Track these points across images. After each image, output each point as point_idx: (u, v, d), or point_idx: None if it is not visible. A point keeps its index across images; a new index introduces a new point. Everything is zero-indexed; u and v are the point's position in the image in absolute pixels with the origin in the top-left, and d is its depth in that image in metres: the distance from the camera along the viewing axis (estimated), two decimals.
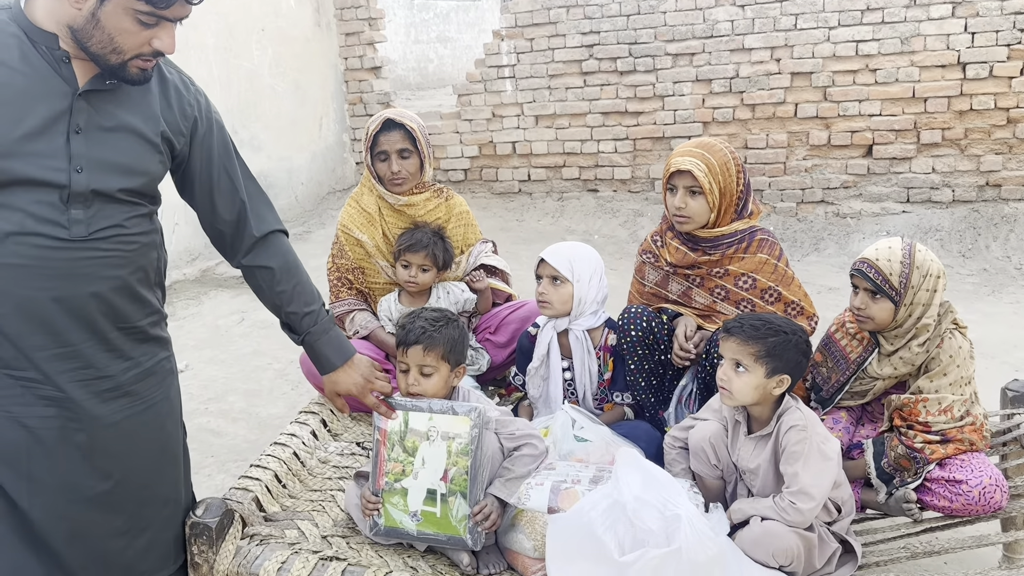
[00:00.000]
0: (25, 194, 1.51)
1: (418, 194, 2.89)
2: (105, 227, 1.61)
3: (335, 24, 7.11)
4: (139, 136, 1.64)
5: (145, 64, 1.55)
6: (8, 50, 1.50)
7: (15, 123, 1.49)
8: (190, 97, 1.77)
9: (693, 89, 6.10)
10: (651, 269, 2.62)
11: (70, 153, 1.53)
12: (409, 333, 2.02)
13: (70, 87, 1.54)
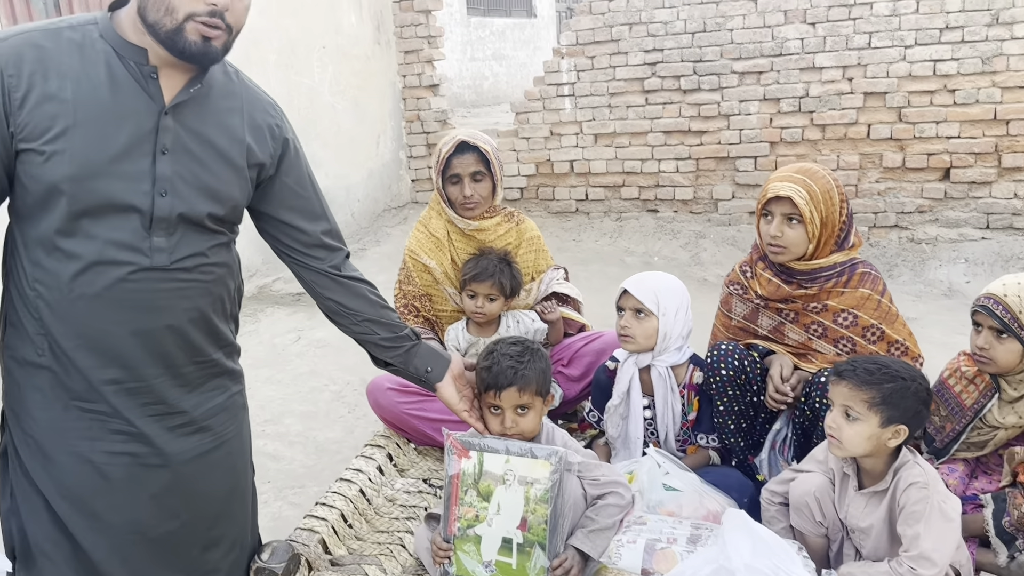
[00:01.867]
0: (107, 219, 1.44)
1: (489, 218, 2.77)
2: (187, 255, 1.53)
3: (394, 42, 7.08)
4: (226, 160, 1.57)
5: (204, 30, 1.41)
6: (95, 66, 1.44)
7: (102, 142, 1.42)
8: (276, 119, 1.69)
9: (760, 108, 5.91)
10: (739, 302, 2.46)
11: (155, 175, 1.46)
12: (499, 376, 1.88)
13: (156, 104, 1.47)
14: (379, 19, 6.86)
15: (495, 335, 2.67)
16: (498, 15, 10.41)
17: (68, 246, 1.44)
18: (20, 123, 1.38)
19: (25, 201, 1.45)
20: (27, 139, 1.39)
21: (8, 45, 1.39)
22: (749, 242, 5.98)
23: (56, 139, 1.39)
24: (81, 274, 1.45)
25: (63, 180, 1.40)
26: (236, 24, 1.45)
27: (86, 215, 1.43)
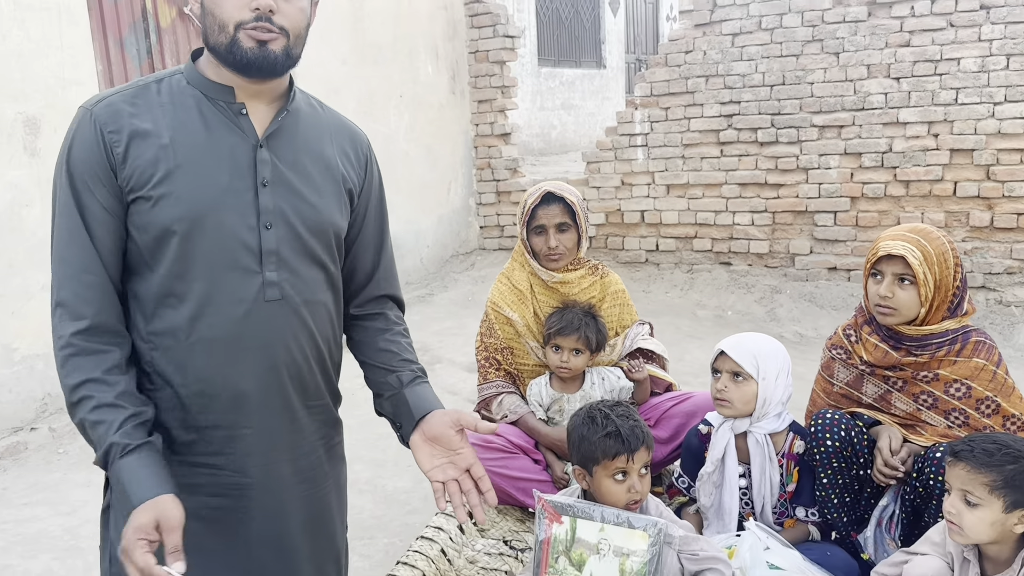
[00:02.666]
0: (219, 256, 1.43)
1: (573, 271, 2.71)
2: (298, 290, 1.51)
3: (469, 91, 7.16)
4: (323, 187, 1.55)
5: (257, 35, 1.38)
6: (188, 110, 1.46)
7: (206, 180, 1.43)
8: (364, 147, 1.67)
9: (841, 162, 5.77)
10: (842, 367, 2.34)
11: (259, 208, 1.45)
12: (631, 439, 1.83)
13: (250, 139, 1.47)
14: (455, 69, 6.96)
15: (579, 391, 2.59)
16: (568, 66, 10.49)
17: (182, 289, 1.44)
18: (126, 175, 1.41)
19: (136, 253, 1.46)
20: (135, 188, 1.41)
21: (103, 106, 1.43)
22: (828, 299, 5.81)
23: (162, 182, 1.40)
24: (198, 317, 1.44)
25: (174, 221, 1.40)
26: (292, 27, 1.42)
27: (199, 254, 1.42)
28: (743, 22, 5.94)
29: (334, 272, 1.62)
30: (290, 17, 1.41)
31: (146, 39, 4.69)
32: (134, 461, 1.35)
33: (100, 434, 1.35)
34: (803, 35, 5.74)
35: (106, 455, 1.35)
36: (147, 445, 1.37)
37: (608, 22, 11.20)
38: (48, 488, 3.65)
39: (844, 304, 5.70)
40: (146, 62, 4.70)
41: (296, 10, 1.42)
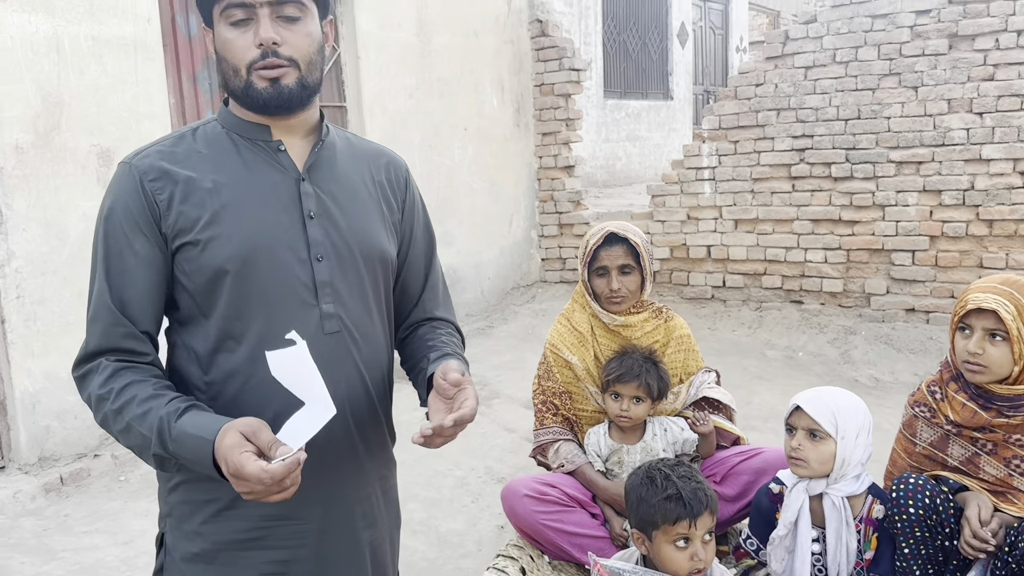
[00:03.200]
0: (275, 292, 1.42)
1: (636, 314, 2.61)
2: (353, 323, 1.49)
3: (533, 124, 7.15)
4: (368, 214, 1.54)
5: (266, 73, 1.38)
6: (227, 153, 1.45)
7: (253, 217, 1.42)
8: (400, 171, 1.65)
9: (919, 200, 5.53)
10: (925, 426, 2.17)
11: (308, 241, 1.44)
12: (693, 502, 1.74)
13: (292, 173, 1.47)
14: (520, 102, 6.95)
15: (640, 442, 2.48)
16: (634, 97, 10.41)
17: (240, 330, 1.42)
18: (171, 222, 1.39)
19: (187, 302, 1.44)
20: (181, 233, 1.39)
21: (142, 158, 1.43)
22: (905, 342, 5.54)
23: (209, 225, 1.39)
24: (258, 357, 1.38)
25: (226, 260, 1.39)
26: (301, 55, 1.41)
27: (254, 292, 1.41)
28: (816, 55, 5.78)
29: (387, 302, 1.60)
30: (296, 45, 1.40)
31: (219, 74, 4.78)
32: (192, 416, 1.30)
33: (150, 421, 1.30)
34: (879, 68, 5.54)
35: (160, 433, 1.29)
36: (198, 405, 1.34)
37: (676, 53, 11.10)
38: (108, 516, 3.69)
39: (922, 348, 5.43)
40: (218, 95, 4.79)
41: (301, 37, 1.40)
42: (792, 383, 5.24)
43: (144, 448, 1.32)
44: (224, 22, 1.38)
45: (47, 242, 3.86)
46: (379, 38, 5.49)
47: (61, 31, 3.86)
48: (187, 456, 1.29)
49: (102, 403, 1.35)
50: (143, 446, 1.32)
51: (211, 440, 1.25)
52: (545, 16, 6.95)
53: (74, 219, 3.95)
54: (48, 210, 3.86)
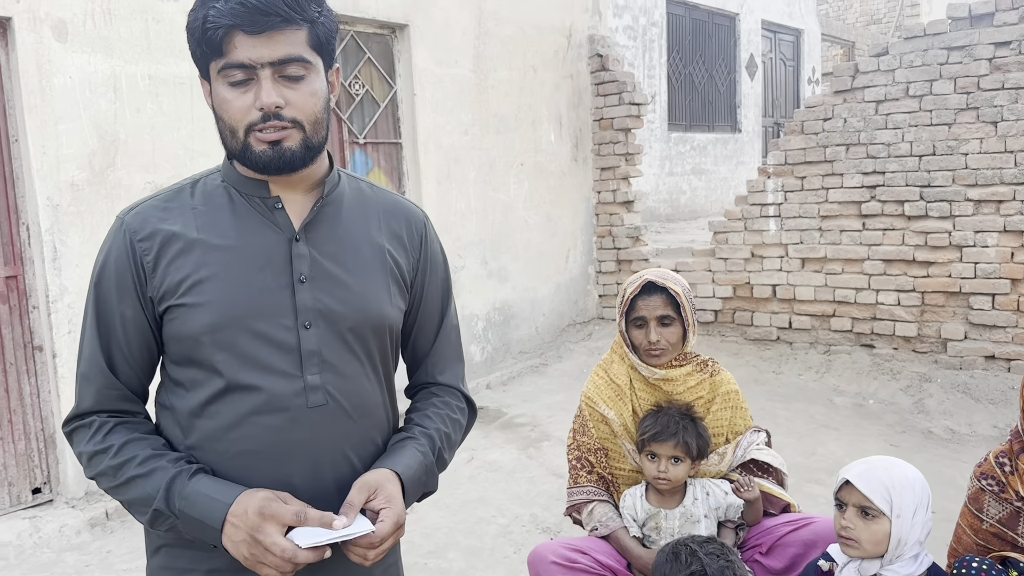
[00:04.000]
0: (256, 363, 1.35)
1: (678, 367, 2.45)
2: (344, 394, 1.40)
3: (591, 159, 7.04)
4: (369, 276, 1.44)
5: (267, 136, 1.30)
6: (220, 211, 1.39)
7: (237, 284, 1.35)
8: (416, 226, 1.55)
9: (1000, 240, 5.20)
10: (993, 501, 1.96)
11: (296, 307, 1.36)
12: None
13: (286, 233, 1.39)
14: (578, 137, 6.86)
15: (679, 507, 2.31)
16: (700, 130, 10.22)
17: (219, 399, 1.36)
18: (156, 285, 1.35)
19: (173, 363, 1.40)
20: (165, 298, 1.35)
21: (134, 214, 1.39)
22: (984, 391, 5.18)
23: (191, 290, 1.34)
24: (236, 428, 1.35)
25: (204, 330, 1.33)
26: (306, 116, 1.32)
27: (233, 362, 1.34)
28: (888, 88, 5.53)
29: (390, 370, 1.53)
30: (300, 107, 1.31)
31: None
32: (205, 478, 1.31)
33: (157, 479, 1.30)
34: (956, 103, 5.26)
35: (168, 489, 1.29)
36: (205, 469, 1.35)
37: (745, 85, 10.87)
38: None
39: (1003, 398, 5.07)
40: None
41: (306, 96, 1.32)
42: (861, 433, 4.95)
43: (143, 503, 1.31)
44: (222, 80, 1.31)
45: None
46: (435, 74, 5.48)
47: (119, 70, 3.94)
48: (193, 516, 1.27)
49: (99, 457, 1.34)
50: (143, 501, 1.31)
51: (227, 504, 1.26)
52: (606, 50, 6.86)
53: None
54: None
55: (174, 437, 1.40)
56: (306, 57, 1.30)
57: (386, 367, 1.51)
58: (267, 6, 1.25)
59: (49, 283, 3.77)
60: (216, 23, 1.25)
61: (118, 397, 1.39)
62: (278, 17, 1.26)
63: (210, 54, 1.30)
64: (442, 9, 5.50)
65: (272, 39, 1.27)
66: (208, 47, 1.28)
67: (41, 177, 3.73)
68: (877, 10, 16.05)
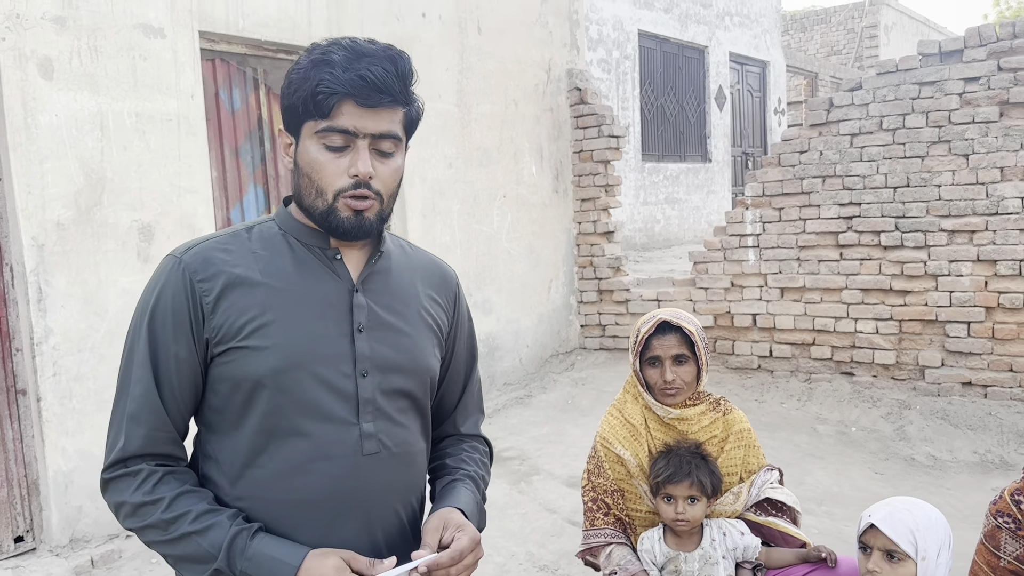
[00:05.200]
0: (314, 409, 1.36)
1: (692, 406, 2.46)
2: (395, 442, 1.43)
3: (572, 190, 7.10)
4: (416, 330, 1.50)
5: (355, 204, 1.35)
6: (282, 256, 1.42)
7: (300, 328, 1.37)
8: (451, 286, 1.63)
9: (973, 269, 5.34)
10: (1010, 538, 1.99)
11: (355, 355, 1.40)
12: None
13: (345, 284, 1.43)
14: (559, 168, 6.92)
15: (698, 549, 2.31)
16: (672, 160, 10.37)
17: (273, 447, 1.36)
18: (215, 326, 1.35)
19: (218, 411, 1.39)
20: (223, 340, 1.35)
21: (194, 253, 1.39)
22: (963, 417, 5.28)
23: (253, 333, 1.35)
24: (291, 476, 1.36)
25: (266, 373, 1.33)
26: (386, 190, 1.39)
27: (292, 407, 1.35)
28: (862, 122, 5.67)
29: (428, 419, 1.57)
30: (385, 180, 1.38)
31: (260, 146, 4.81)
32: (268, 538, 1.31)
33: (215, 536, 1.29)
34: (928, 136, 5.42)
35: (230, 549, 1.28)
36: (264, 528, 1.34)
37: (714, 116, 11.07)
38: None
39: (981, 424, 5.17)
40: (259, 169, 4.80)
41: (391, 171, 1.39)
42: (846, 461, 5.01)
43: (200, 560, 1.30)
44: (317, 141, 1.35)
45: (85, 319, 3.84)
46: None
47: (106, 108, 3.89)
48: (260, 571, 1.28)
49: (148, 509, 1.32)
50: (200, 559, 1.30)
51: (294, 565, 1.26)
52: (584, 84, 6.95)
53: (113, 295, 3.92)
54: (87, 286, 3.84)
55: (220, 487, 1.39)
56: (399, 135, 1.37)
57: (427, 416, 1.55)
58: (384, 86, 1.31)
59: (34, 325, 3.68)
60: (331, 89, 1.30)
61: (167, 440, 1.37)
62: (390, 97, 1.33)
63: (313, 114, 1.33)
64: (426, 44, 5.54)
65: (378, 114, 1.33)
66: (315, 108, 1.32)
67: (26, 216, 3.65)
68: (837, 42, 16.52)
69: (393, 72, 1.33)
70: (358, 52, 1.32)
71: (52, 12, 3.67)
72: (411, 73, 1.38)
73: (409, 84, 1.37)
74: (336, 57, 1.32)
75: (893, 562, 1.86)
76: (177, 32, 4.14)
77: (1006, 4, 25.04)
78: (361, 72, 1.30)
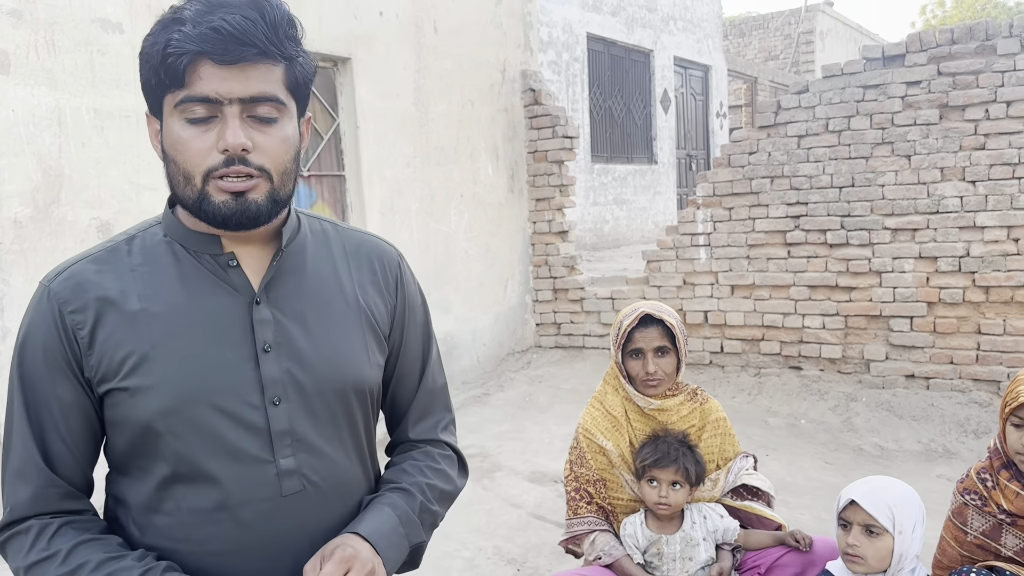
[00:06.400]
0: (220, 450, 1.17)
1: (671, 397, 2.54)
2: (323, 476, 1.23)
3: (527, 190, 7.17)
4: (345, 334, 1.27)
5: (229, 185, 1.11)
6: (164, 272, 1.19)
7: (190, 361, 1.16)
8: (391, 266, 1.38)
9: (916, 266, 5.58)
10: (976, 514, 2.12)
11: (262, 382, 1.18)
12: None
13: (244, 296, 1.20)
14: (514, 169, 6.98)
15: (679, 531, 2.39)
16: (620, 162, 10.54)
17: (180, 494, 1.18)
18: (93, 364, 1.16)
19: (123, 452, 1.21)
20: (105, 379, 1.16)
21: (63, 279, 1.18)
22: (907, 409, 5.52)
23: (134, 371, 1.15)
24: (201, 526, 1.18)
25: (155, 417, 1.14)
26: (275, 165, 1.14)
27: (192, 451, 1.16)
28: (809, 124, 5.87)
29: (372, 439, 1.35)
30: (270, 153, 1.13)
31: None
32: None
33: None
34: (872, 137, 5.64)
35: None
36: (174, 567, 1.16)
37: (659, 119, 11.29)
38: None
39: (924, 415, 5.41)
40: None
41: (277, 142, 1.14)
42: (798, 452, 5.18)
43: None
44: (178, 116, 1.11)
45: None
46: (378, 108, 5.49)
47: (64, 104, 3.81)
48: None
49: (43, 566, 1.14)
50: None
51: None
52: (538, 85, 7.03)
53: None
54: None
55: (130, 535, 1.22)
56: (281, 98, 1.13)
57: (368, 437, 1.35)
58: (245, 35, 1.07)
59: None
60: (181, 48, 1.06)
61: (59, 496, 1.19)
62: (255, 48, 1.08)
63: (168, 84, 1.10)
64: (383, 44, 5.54)
65: (245, 73, 1.09)
66: (167, 76, 1.09)
67: None
68: (774, 47, 16.99)
69: (259, 20, 1.08)
70: (214, 4, 1.08)
71: (8, 5, 3.57)
72: (286, 21, 1.12)
73: (284, 34, 1.12)
74: (188, 13, 1.08)
75: (872, 536, 1.97)
76: (136, 27, 4.07)
77: (931, 13, 26.09)
78: (215, 24, 1.06)
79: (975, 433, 5.14)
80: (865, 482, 2.05)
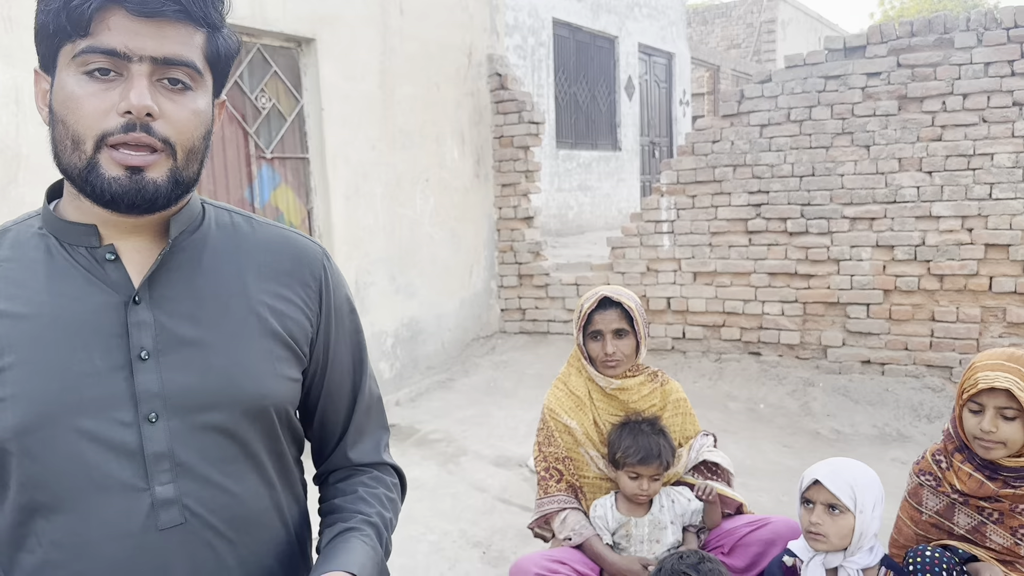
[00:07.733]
0: (80, 475, 1.00)
1: (631, 377, 2.59)
2: (210, 508, 1.06)
3: (492, 175, 7.17)
4: (245, 345, 1.10)
5: (125, 158, 0.96)
6: (31, 269, 1.04)
7: (49, 370, 1.00)
8: (312, 268, 1.20)
9: (873, 255, 5.70)
10: (931, 494, 2.19)
11: (135, 394, 1.02)
12: None
13: (121, 294, 1.04)
14: (479, 154, 6.97)
15: (648, 514, 2.44)
16: (585, 148, 10.57)
17: (40, 527, 1.03)
18: None
19: None
20: None
21: None
22: (862, 394, 5.65)
23: None
24: (68, 563, 1.02)
25: (9, 436, 0.99)
26: (181, 139, 0.99)
27: (52, 476, 1.00)
28: (771, 113, 5.95)
29: (287, 461, 1.19)
30: (178, 124, 0.99)
31: None
32: None
33: None
34: (833, 127, 5.74)
35: None
36: None
37: (624, 106, 11.34)
38: None
39: (879, 400, 5.55)
40: None
41: (188, 113, 1.00)
42: (757, 435, 5.29)
43: None
44: (75, 70, 0.96)
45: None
46: (343, 89, 5.44)
47: (21, 81, 3.72)
48: None
49: None
50: None
51: None
52: (504, 70, 7.02)
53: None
54: None
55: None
56: (198, 65, 1.00)
57: (281, 462, 1.17)
58: None
59: None
60: None
61: None
62: (176, 5, 0.96)
63: (69, 32, 0.95)
64: (348, 25, 5.48)
65: (162, 30, 0.96)
66: (69, 21, 0.94)
67: None
68: (737, 36, 17.13)
69: None
70: None
71: None
72: None
73: (211, 1, 1.00)
74: None
75: (835, 515, 2.03)
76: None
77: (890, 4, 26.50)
78: None
79: (928, 417, 5.29)
80: (828, 463, 2.11)
